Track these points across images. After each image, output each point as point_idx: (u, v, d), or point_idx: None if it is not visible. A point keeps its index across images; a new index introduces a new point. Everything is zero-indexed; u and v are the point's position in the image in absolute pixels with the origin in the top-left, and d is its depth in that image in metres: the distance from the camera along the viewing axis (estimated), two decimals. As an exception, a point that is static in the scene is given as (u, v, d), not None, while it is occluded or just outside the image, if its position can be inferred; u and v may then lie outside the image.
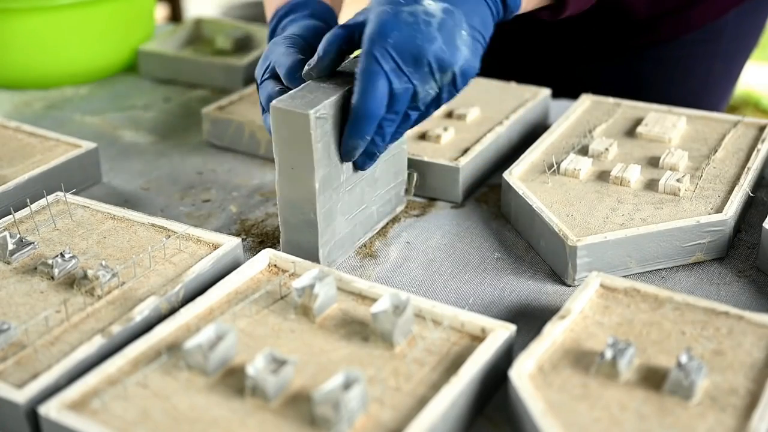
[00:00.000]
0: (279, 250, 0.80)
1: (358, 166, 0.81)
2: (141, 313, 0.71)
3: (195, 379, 0.65)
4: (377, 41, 0.74)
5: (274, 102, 0.76)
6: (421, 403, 0.62)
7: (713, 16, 1.16)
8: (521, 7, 0.81)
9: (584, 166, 0.89)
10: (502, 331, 0.68)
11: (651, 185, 0.87)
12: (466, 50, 0.75)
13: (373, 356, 0.67)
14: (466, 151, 0.94)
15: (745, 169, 0.88)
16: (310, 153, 0.75)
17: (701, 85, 1.21)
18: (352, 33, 0.78)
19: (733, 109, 1.32)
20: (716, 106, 1.24)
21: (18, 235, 0.80)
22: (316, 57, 0.78)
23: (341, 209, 0.81)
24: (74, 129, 1.12)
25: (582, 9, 0.89)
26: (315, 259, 0.80)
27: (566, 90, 1.17)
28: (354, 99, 0.75)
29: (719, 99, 1.25)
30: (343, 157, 0.78)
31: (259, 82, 0.84)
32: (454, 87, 0.77)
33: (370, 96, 0.74)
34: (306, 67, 0.79)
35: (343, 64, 0.81)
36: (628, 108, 1.02)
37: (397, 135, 0.79)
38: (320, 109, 0.74)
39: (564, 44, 1.19)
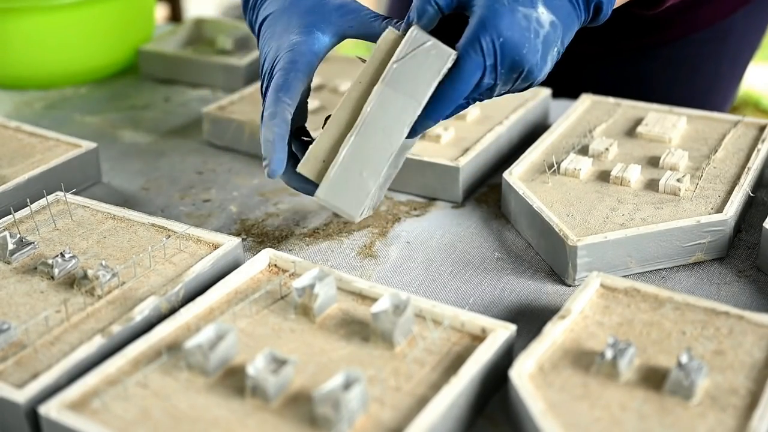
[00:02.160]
0: (279, 250, 0.80)
1: None
2: (141, 313, 0.71)
3: (195, 379, 0.65)
4: (489, 32, 0.72)
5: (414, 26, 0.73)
6: (422, 403, 0.62)
7: (721, 16, 1.16)
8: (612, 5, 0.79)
9: (584, 166, 0.89)
10: (502, 331, 0.68)
11: (651, 185, 0.87)
12: (550, 65, 0.76)
13: (373, 356, 0.67)
14: (466, 150, 0.94)
15: (746, 169, 0.88)
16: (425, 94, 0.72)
17: (708, 84, 1.21)
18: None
19: (733, 109, 1.33)
20: (721, 105, 1.24)
21: (18, 235, 0.80)
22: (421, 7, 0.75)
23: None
24: (74, 129, 1.12)
25: None
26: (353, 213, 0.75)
27: (570, 90, 1.16)
28: (447, 81, 0.73)
29: (724, 99, 1.25)
30: (412, 133, 0.75)
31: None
32: (517, 89, 0.77)
33: (464, 84, 0.73)
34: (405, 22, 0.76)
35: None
36: (628, 108, 1.02)
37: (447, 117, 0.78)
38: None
39: (570, 44, 1.19)
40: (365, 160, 0.73)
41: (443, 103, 0.74)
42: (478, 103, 1.03)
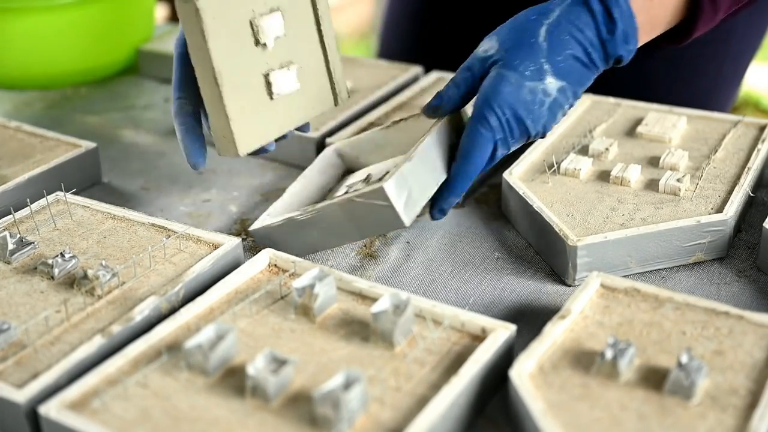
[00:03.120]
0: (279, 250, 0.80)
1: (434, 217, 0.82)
2: (141, 312, 0.71)
3: (195, 379, 0.65)
4: (494, 110, 0.77)
5: None
6: (422, 403, 0.62)
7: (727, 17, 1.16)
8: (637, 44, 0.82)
9: (584, 165, 0.89)
10: (502, 331, 0.68)
11: (651, 185, 0.87)
12: (559, 119, 0.81)
13: (373, 356, 0.67)
14: (466, 151, 0.94)
15: (746, 169, 0.88)
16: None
17: (710, 85, 1.21)
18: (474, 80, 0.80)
19: (733, 109, 1.33)
20: (723, 106, 1.24)
21: (18, 235, 0.80)
22: (440, 102, 0.81)
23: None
24: (74, 129, 1.12)
25: (711, 26, 0.86)
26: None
27: None
28: (459, 161, 0.78)
29: (726, 99, 1.25)
30: (436, 214, 0.80)
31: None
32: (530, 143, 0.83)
33: (476, 160, 0.78)
34: (433, 103, 0.82)
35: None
36: (628, 108, 1.02)
37: None
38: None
39: None
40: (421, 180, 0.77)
41: (463, 179, 0.79)
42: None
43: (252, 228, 0.82)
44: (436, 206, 0.80)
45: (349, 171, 0.93)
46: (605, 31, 0.79)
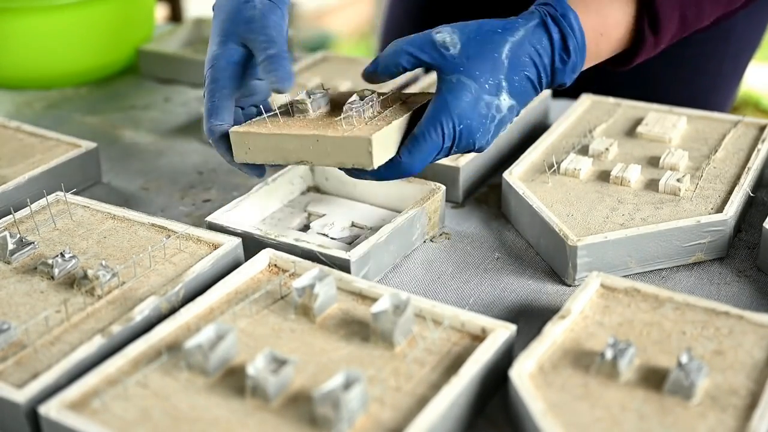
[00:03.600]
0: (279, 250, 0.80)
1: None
2: (141, 313, 0.71)
3: (195, 379, 0.65)
4: (452, 118, 0.76)
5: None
6: (422, 403, 0.62)
7: (726, 15, 1.16)
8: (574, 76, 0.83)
9: (584, 166, 0.89)
10: (502, 331, 0.68)
11: (651, 185, 0.87)
12: (497, 136, 0.81)
13: (373, 356, 0.67)
14: (466, 151, 0.94)
15: (746, 169, 0.88)
16: None
17: (710, 84, 1.21)
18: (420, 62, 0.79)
19: (733, 109, 1.33)
20: (723, 105, 1.24)
21: (18, 235, 0.80)
22: (375, 68, 0.80)
23: None
24: (74, 129, 1.12)
25: (651, 56, 0.88)
26: None
27: (570, 89, 1.16)
28: (404, 155, 0.77)
29: (726, 98, 1.25)
30: (361, 175, 0.80)
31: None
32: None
33: (422, 160, 0.78)
34: (368, 68, 0.80)
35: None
36: (628, 108, 1.02)
37: None
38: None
39: None
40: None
41: (402, 173, 0.78)
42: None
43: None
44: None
45: None
46: (558, 60, 0.80)
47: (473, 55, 0.77)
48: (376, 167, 0.76)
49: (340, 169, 0.79)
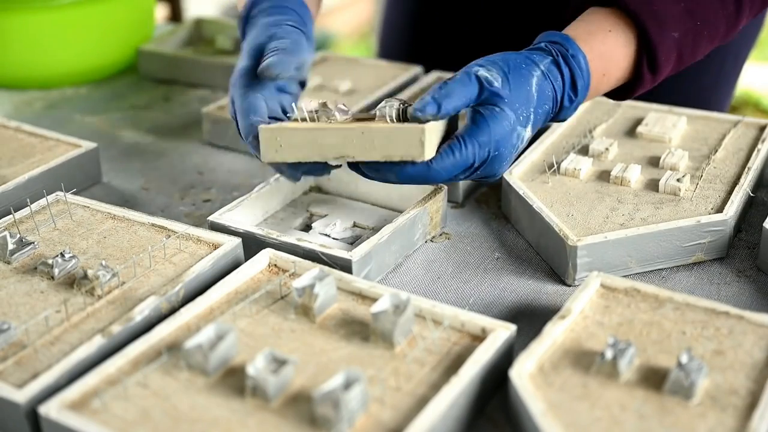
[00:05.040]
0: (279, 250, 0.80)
1: None
2: (141, 313, 0.71)
3: (195, 379, 0.65)
4: (491, 142, 0.77)
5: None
6: (422, 403, 0.62)
7: None
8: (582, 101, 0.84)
9: (584, 165, 0.89)
10: (502, 331, 0.68)
11: (651, 185, 0.87)
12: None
13: (374, 356, 0.67)
14: (466, 151, 0.94)
15: (746, 169, 0.88)
16: None
17: (713, 82, 1.21)
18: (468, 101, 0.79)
19: (733, 109, 1.33)
20: (724, 103, 1.25)
21: (18, 235, 0.80)
22: (436, 111, 0.78)
23: None
24: (74, 129, 1.12)
25: (649, 89, 0.90)
26: None
27: None
28: (437, 161, 0.77)
29: (727, 95, 1.26)
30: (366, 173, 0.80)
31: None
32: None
33: (449, 170, 0.77)
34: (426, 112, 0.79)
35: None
36: (628, 108, 1.02)
37: None
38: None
39: None
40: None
41: (430, 180, 0.78)
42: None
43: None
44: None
45: None
46: (567, 99, 0.82)
47: (513, 88, 0.78)
48: (427, 158, 0.76)
49: (369, 165, 0.77)
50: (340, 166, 0.84)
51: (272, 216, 0.90)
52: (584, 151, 0.93)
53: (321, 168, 0.81)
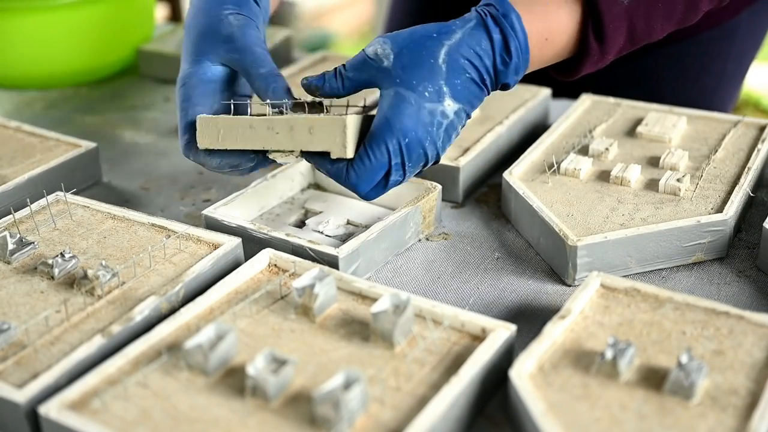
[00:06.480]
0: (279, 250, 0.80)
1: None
2: (141, 313, 0.71)
3: (195, 379, 0.65)
4: (396, 134, 0.75)
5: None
6: (422, 403, 0.62)
7: (728, 15, 1.16)
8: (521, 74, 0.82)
9: (584, 165, 0.89)
10: (502, 331, 0.68)
11: (651, 185, 0.87)
12: (453, 141, 0.79)
13: (374, 356, 0.67)
14: (466, 150, 0.94)
15: (746, 169, 0.88)
16: None
17: (715, 83, 1.21)
18: (373, 80, 0.78)
19: (733, 109, 1.33)
20: (727, 104, 1.24)
21: (18, 235, 0.80)
22: (330, 81, 0.78)
23: None
24: (74, 129, 1.12)
25: (599, 68, 0.87)
26: None
27: (570, 89, 1.16)
28: (352, 177, 0.76)
29: (730, 97, 1.25)
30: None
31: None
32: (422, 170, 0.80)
33: (366, 182, 0.76)
34: (313, 81, 0.79)
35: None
36: (628, 108, 1.02)
37: None
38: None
39: None
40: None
41: (354, 189, 0.77)
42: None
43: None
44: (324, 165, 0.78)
45: None
46: (500, 62, 0.78)
47: (408, 64, 0.75)
48: (349, 156, 0.75)
49: (309, 159, 0.78)
50: (282, 165, 0.83)
51: (268, 212, 0.90)
52: (584, 151, 0.93)
53: (247, 161, 0.80)
